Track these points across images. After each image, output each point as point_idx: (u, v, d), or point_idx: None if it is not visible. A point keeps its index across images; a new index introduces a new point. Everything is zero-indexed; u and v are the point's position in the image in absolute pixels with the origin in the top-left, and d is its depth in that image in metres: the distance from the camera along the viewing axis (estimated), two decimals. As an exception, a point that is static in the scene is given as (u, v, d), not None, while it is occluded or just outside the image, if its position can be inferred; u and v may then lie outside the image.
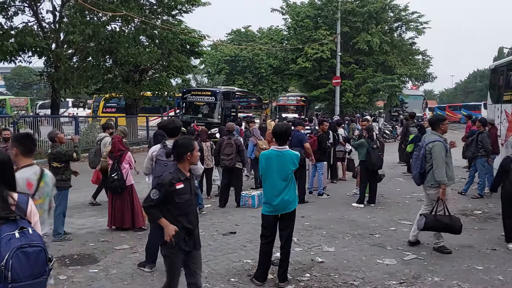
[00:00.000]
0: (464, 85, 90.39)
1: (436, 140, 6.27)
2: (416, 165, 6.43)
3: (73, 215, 8.46)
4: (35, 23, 18.84)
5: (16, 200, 2.73)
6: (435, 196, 6.33)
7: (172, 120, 6.04)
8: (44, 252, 2.65)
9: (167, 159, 5.38)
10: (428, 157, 6.27)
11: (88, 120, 23.05)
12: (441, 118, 6.80)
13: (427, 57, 36.03)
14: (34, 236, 2.64)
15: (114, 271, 5.63)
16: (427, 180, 6.36)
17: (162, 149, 5.53)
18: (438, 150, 6.19)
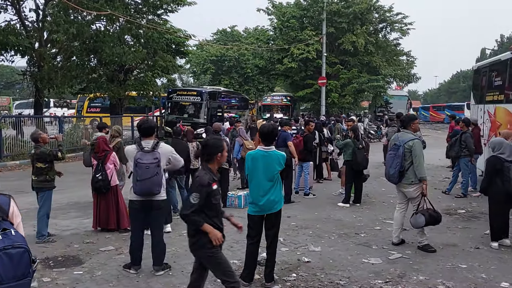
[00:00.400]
0: (447, 86, 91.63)
1: (415, 138, 6.46)
2: (395, 163, 6.42)
3: (57, 216, 8.35)
4: (18, 22, 18.55)
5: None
6: (414, 193, 6.47)
7: (146, 120, 5.92)
8: (27, 253, 2.62)
9: (148, 162, 5.35)
10: (407, 155, 6.35)
11: (72, 120, 22.77)
12: (412, 117, 6.95)
13: (412, 58, 36.39)
14: (17, 237, 2.61)
15: (99, 272, 5.57)
16: (406, 178, 6.42)
17: (141, 151, 5.42)
18: (419, 148, 6.39)
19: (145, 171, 5.32)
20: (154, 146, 5.48)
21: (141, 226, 5.68)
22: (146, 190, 5.36)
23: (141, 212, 5.54)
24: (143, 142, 5.54)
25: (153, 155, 5.40)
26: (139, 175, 5.34)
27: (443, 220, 8.15)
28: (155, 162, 5.37)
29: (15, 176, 13.12)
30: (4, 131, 16.30)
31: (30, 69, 19.25)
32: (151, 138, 5.61)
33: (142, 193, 5.41)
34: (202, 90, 24.30)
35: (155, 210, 5.52)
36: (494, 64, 11.72)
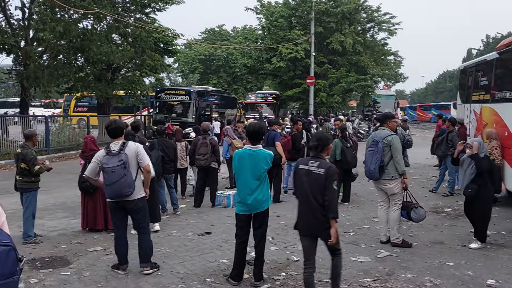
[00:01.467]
0: (434, 85, 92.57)
1: (393, 134, 6.53)
2: (375, 159, 6.44)
3: (43, 216, 8.27)
4: (3, 20, 18.30)
5: None
6: (395, 189, 6.52)
7: (114, 121, 5.83)
8: (14, 251, 2.59)
9: (113, 166, 5.29)
10: (386, 150, 6.41)
11: (59, 120, 22.55)
12: (389, 116, 6.95)
13: (399, 58, 36.67)
14: (2, 235, 2.58)
15: (87, 273, 5.52)
16: (387, 173, 6.45)
17: (107, 156, 5.37)
18: (398, 142, 6.48)
19: (112, 175, 5.27)
20: (120, 147, 5.42)
21: (122, 225, 5.65)
22: (116, 193, 5.34)
23: (120, 212, 5.54)
24: (111, 145, 5.49)
25: (118, 158, 5.33)
26: (107, 180, 5.31)
27: (430, 218, 8.29)
28: (121, 165, 5.29)
29: (1, 176, 12.95)
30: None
31: (16, 68, 19.01)
32: (120, 139, 5.56)
33: (114, 197, 5.40)
34: (191, 90, 24.24)
35: (132, 210, 5.53)
36: (480, 64, 11.85)
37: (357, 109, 41.00)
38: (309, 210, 4.51)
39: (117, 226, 5.64)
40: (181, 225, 7.81)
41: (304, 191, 4.55)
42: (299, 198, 4.69)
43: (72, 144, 19.93)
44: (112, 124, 5.64)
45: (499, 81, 10.08)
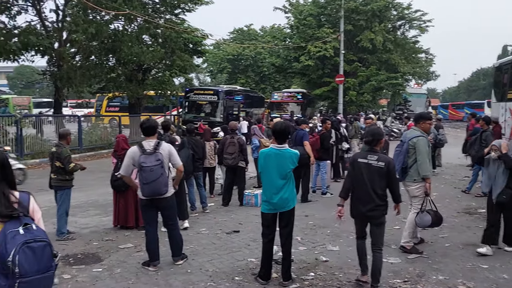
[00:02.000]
0: (467, 83, 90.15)
1: (420, 135, 6.26)
2: (398, 160, 6.27)
3: (76, 214, 8.47)
4: (38, 22, 18.87)
5: (18, 198, 2.77)
6: (416, 192, 6.31)
7: (147, 119, 5.94)
8: (49, 247, 2.70)
9: (152, 165, 5.38)
10: (411, 152, 6.21)
11: (91, 119, 23.07)
12: (424, 116, 6.66)
13: (430, 56, 35.97)
14: (38, 231, 2.68)
15: (118, 270, 5.62)
16: (409, 176, 6.27)
17: (143, 154, 5.44)
18: (423, 145, 6.19)
19: (150, 174, 5.37)
20: (155, 146, 5.52)
21: (154, 222, 5.78)
22: (153, 192, 5.46)
23: (152, 210, 5.67)
24: (144, 143, 5.58)
25: (155, 157, 5.44)
26: (145, 179, 5.40)
27: (462, 220, 8.10)
28: (159, 164, 5.42)
29: (36, 174, 13.33)
30: (25, 130, 16.58)
31: (50, 69, 19.55)
32: (153, 137, 5.66)
33: (150, 195, 5.50)
34: (219, 89, 24.41)
35: (165, 207, 5.68)
36: (516, 61, 11.50)
37: (387, 108, 40.39)
38: (366, 199, 4.98)
39: (149, 223, 5.74)
40: (209, 224, 7.87)
41: (362, 182, 4.99)
42: (356, 188, 5.10)
43: (104, 143, 20.36)
44: (146, 122, 5.77)
45: (536, 79, 9.74)
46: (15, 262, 2.52)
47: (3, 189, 2.73)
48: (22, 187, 2.91)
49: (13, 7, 18.09)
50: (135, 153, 5.52)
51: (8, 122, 16.35)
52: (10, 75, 72.42)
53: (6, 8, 17.67)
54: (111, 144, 20.55)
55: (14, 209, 2.69)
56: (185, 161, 7.81)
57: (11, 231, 2.59)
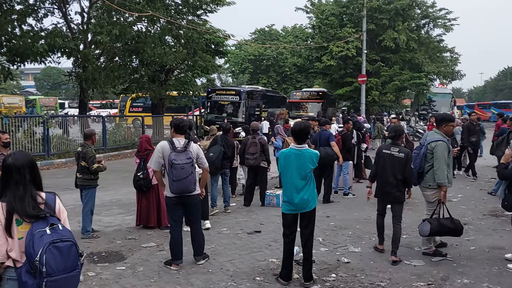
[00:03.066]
0: (494, 83, 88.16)
1: (440, 140, 5.95)
2: (415, 164, 6.06)
3: (100, 212, 8.61)
4: (64, 25, 19.27)
5: (44, 198, 2.85)
6: (431, 198, 6.10)
7: (182, 119, 6.10)
8: (75, 247, 2.78)
9: (183, 163, 5.46)
10: (429, 157, 5.97)
11: (115, 119, 23.43)
12: (447, 118, 6.29)
13: (456, 55, 35.23)
14: (64, 231, 2.76)
15: (141, 268, 5.70)
16: (425, 181, 6.06)
17: (174, 152, 5.52)
18: (441, 150, 5.88)
19: (181, 171, 5.46)
20: (186, 145, 5.62)
21: (180, 220, 5.86)
22: (183, 189, 5.54)
23: (179, 207, 5.73)
24: (175, 140, 5.66)
25: (186, 155, 5.53)
26: (175, 176, 5.46)
27: (489, 222, 7.92)
28: (189, 162, 5.53)
29: (62, 173, 13.62)
30: (51, 130, 16.95)
31: (76, 70, 19.93)
32: (182, 136, 5.79)
33: (179, 192, 5.57)
34: (241, 90, 24.45)
35: (191, 205, 5.75)
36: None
37: (411, 108, 39.80)
38: (387, 184, 5.97)
39: (175, 221, 5.80)
40: (230, 223, 7.90)
41: (385, 169, 6.00)
42: (380, 173, 6.11)
43: (128, 143, 20.65)
44: (180, 120, 5.92)
45: None
46: (42, 261, 2.59)
47: (31, 191, 2.81)
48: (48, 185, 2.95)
49: (40, 10, 18.50)
50: (166, 150, 5.59)
51: (36, 123, 16.74)
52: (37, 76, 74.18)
53: (33, 11, 18.08)
54: (134, 144, 20.83)
55: (41, 210, 2.77)
56: (216, 157, 7.94)
57: (38, 231, 2.67)
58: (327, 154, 9.33)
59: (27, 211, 2.73)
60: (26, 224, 2.73)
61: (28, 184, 2.80)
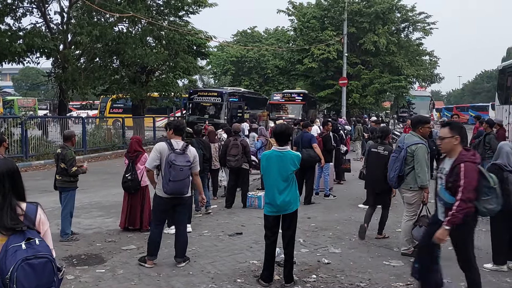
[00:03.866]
0: (471, 86, 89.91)
1: (420, 143, 6.02)
2: (395, 167, 6.09)
3: (79, 215, 8.49)
4: (43, 24, 18.98)
5: (24, 210, 2.67)
6: (411, 200, 6.16)
7: (182, 121, 6.25)
8: (51, 263, 2.60)
9: (182, 164, 5.51)
10: (409, 160, 6.02)
11: (95, 121, 23.17)
12: (423, 120, 6.41)
13: (435, 58, 35.81)
14: (41, 247, 2.59)
15: (121, 271, 5.65)
16: (405, 183, 6.11)
17: (173, 153, 5.55)
18: (422, 153, 5.97)
19: (179, 173, 5.52)
20: (184, 148, 5.68)
21: (164, 220, 5.98)
22: (177, 190, 5.60)
23: (169, 209, 5.81)
24: (173, 141, 5.71)
25: (185, 158, 5.61)
26: (173, 176, 5.50)
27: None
28: (188, 165, 5.62)
29: (41, 175, 13.40)
30: (30, 131, 16.67)
31: (55, 71, 19.65)
32: (179, 138, 5.84)
33: (173, 193, 5.61)
34: (223, 91, 24.43)
35: (182, 206, 5.82)
36: (520, 64, 11.48)
37: (391, 111, 40.31)
38: (375, 177, 7.06)
39: (160, 220, 5.88)
40: (212, 226, 7.89)
41: (373, 165, 7.15)
42: (369, 169, 7.39)
43: (108, 144, 20.43)
44: (178, 122, 6.09)
45: (540, 82, 9.72)
46: (13, 279, 2.44)
47: (10, 200, 2.63)
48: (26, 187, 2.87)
49: (18, 9, 18.20)
50: (164, 150, 5.64)
51: (14, 124, 16.44)
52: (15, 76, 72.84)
53: (12, 10, 17.78)
54: (114, 145, 20.66)
55: (19, 222, 2.59)
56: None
57: (12, 246, 2.51)
58: (309, 156, 9.41)
59: (4, 222, 2.56)
60: (2, 236, 2.56)
61: (7, 194, 2.62)
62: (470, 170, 4.13)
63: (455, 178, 4.19)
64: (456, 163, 4.21)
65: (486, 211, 4.42)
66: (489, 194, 4.32)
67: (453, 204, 4.19)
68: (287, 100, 28.81)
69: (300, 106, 28.32)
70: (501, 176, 5.41)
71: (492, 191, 4.32)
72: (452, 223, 4.14)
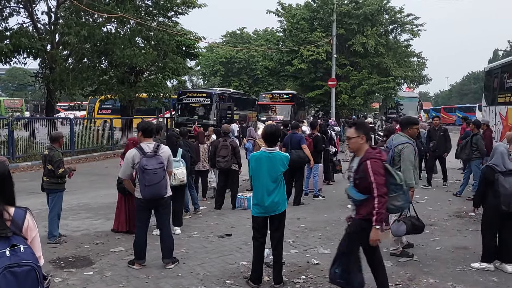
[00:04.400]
0: (459, 87, 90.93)
1: (406, 142, 6.08)
2: None
3: (67, 217, 8.42)
4: (30, 24, 18.77)
5: (11, 215, 2.59)
6: None
7: (150, 122, 6.21)
8: (34, 272, 2.52)
9: (154, 167, 5.45)
10: (396, 159, 6.07)
11: (83, 122, 22.97)
12: (411, 121, 6.48)
13: (423, 59, 36.11)
14: (25, 254, 2.51)
15: (109, 273, 5.60)
16: None
17: (145, 157, 5.51)
18: (408, 153, 6.01)
19: (153, 176, 5.46)
20: (155, 149, 5.61)
21: (147, 221, 5.91)
22: (155, 194, 5.56)
23: (149, 211, 5.80)
24: (143, 145, 5.65)
25: (157, 160, 5.54)
26: (148, 181, 5.45)
27: (453, 223, 8.16)
28: (161, 167, 5.54)
29: (28, 177, 13.25)
30: (17, 132, 16.48)
31: (42, 71, 19.45)
32: (150, 140, 5.80)
33: (150, 197, 5.58)
34: (212, 92, 24.42)
35: (162, 207, 5.78)
36: (506, 65, 11.63)
37: (379, 112, 40.57)
38: None
39: (142, 222, 5.82)
40: (201, 227, 7.86)
41: None
42: None
43: (96, 146, 20.27)
44: (145, 123, 5.94)
45: (525, 83, 9.85)
46: None
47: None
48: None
49: (5, 9, 18.00)
50: (135, 156, 5.58)
51: (0, 125, 16.23)
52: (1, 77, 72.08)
53: (-2, 10, 17.58)
54: (103, 147, 20.50)
55: (5, 228, 2.51)
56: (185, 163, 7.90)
57: None
58: (299, 157, 9.44)
59: None
60: None
61: None
62: (376, 166, 4.25)
63: (361, 175, 4.32)
64: (362, 161, 4.33)
65: (394, 208, 4.54)
66: (396, 191, 4.43)
67: (361, 201, 4.33)
68: (275, 101, 28.59)
69: (289, 107, 28.07)
70: (492, 177, 5.60)
71: (399, 188, 4.45)
72: (380, 221, 4.20)
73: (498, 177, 5.57)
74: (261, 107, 28.97)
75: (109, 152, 19.65)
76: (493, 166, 5.71)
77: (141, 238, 5.75)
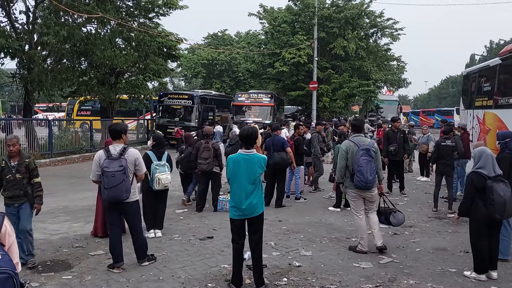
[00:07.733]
0: (437, 91, 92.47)
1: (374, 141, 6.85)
2: (371, 168, 6.36)
3: (46, 220, 8.27)
4: (8, 24, 18.37)
5: None
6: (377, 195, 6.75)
7: (117, 123, 6.16)
8: (12, 279, 2.47)
9: (113, 170, 5.45)
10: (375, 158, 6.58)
11: (62, 123, 22.60)
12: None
13: (402, 63, 36.62)
14: (2, 261, 2.48)
15: (88, 277, 5.51)
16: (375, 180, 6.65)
17: (108, 159, 5.51)
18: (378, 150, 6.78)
19: (111, 179, 5.45)
20: (121, 152, 5.59)
21: (118, 224, 5.91)
22: (114, 197, 5.53)
23: (116, 212, 5.77)
24: (111, 147, 5.65)
25: (119, 163, 5.51)
26: (106, 183, 5.47)
27: (432, 224, 8.27)
28: (121, 170, 5.48)
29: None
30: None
31: (20, 72, 19.06)
32: (119, 142, 5.74)
33: (110, 200, 5.58)
34: (194, 94, 24.30)
35: (127, 212, 5.78)
36: (483, 70, 11.85)
37: (359, 114, 40.93)
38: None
39: (112, 224, 5.82)
40: (182, 230, 7.80)
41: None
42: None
43: (75, 147, 19.97)
44: (113, 126, 5.90)
45: (502, 87, 10.07)
46: None
47: None
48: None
49: (-19, 8, 17.61)
50: (101, 157, 5.59)
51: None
52: (-23, 77, 70.35)
53: (-26, 9, 17.18)
54: (82, 148, 20.19)
55: None
56: None
57: None
58: (282, 159, 9.49)
59: None
60: None
61: None
62: None
63: None
64: None
65: None
66: None
67: None
68: (253, 102, 26.95)
69: (268, 108, 26.37)
70: (484, 185, 5.34)
71: None
72: None
73: (492, 184, 5.27)
74: (236, 108, 27.12)
75: (89, 154, 19.34)
76: (481, 172, 5.41)
77: (114, 242, 5.73)
